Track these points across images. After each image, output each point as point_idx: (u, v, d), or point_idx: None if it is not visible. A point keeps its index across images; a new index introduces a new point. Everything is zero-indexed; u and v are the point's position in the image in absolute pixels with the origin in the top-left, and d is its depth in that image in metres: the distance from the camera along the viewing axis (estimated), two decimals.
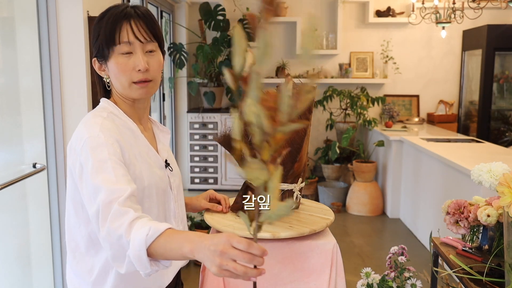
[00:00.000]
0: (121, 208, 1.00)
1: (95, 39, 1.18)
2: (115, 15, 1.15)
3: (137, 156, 1.18)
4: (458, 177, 3.36)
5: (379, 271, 2.02)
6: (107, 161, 1.07)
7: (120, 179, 1.06)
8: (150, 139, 1.28)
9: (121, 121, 1.20)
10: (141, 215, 1.01)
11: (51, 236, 2.44)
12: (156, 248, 0.94)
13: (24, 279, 2.41)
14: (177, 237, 0.94)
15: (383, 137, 4.94)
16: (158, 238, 0.95)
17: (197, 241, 0.90)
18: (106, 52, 1.17)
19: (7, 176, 2.09)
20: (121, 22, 1.15)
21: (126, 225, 0.98)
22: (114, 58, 1.16)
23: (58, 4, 2.30)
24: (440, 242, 1.72)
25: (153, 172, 1.20)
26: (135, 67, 1.16)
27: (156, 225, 0.96)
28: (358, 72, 5.73)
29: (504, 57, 5.32)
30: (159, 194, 1.21)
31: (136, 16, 1.16)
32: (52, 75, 2.33)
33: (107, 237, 1.00)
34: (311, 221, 1.42)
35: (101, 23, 1.17)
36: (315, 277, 1.34)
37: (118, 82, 1.18)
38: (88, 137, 1.11)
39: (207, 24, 5.19)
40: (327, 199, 5.10)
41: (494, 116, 5.38)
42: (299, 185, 1.50)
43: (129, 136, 1.19)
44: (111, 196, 1.02)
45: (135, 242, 0.95)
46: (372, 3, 5.51)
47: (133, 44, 1.16)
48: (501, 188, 1.22)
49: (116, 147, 1.11)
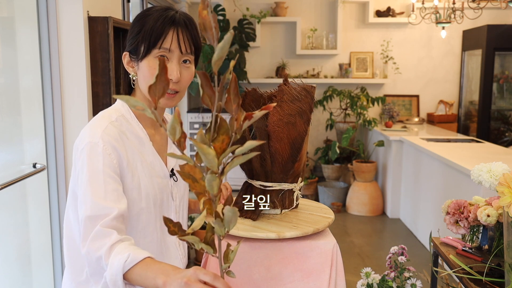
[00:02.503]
0: (104, 230, 1.02)
1: (134, 34, 1.17)
2: (164, 18, 1.14)
3: (139, 164, 1.17)
4: (458, 177, 3.36)
5: (379, 271, 2.02)
6: (100, 173, 1.08)
7: (108, 195, 1.06)
8: (160, 145, 1.26)
9: (129, 127, 1.19)
10: (124, 237, 1.03)
11: (51, 236, 2.44)
12: (132, 275, 0.97)
13: (24, 279, 2.41)
14: (153, 268, 0.96)
15: (383, 137, 4.94)
16: (135, 266, 0.97)
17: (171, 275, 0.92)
18: (143, 52, 1.15)
19: (7, 176, 2.09)
20: (168, 28, 1.14)
21: (107, 248, 1.00)
22: (149, 60, 1.15)
23: (58, 4, 2.30)
24: (440, 242, 1.72)
25: (153, 182, 1.19)
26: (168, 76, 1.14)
27: (135, 252, 0.98)
28: (358, 72, 5.73)
29: (504, 57, 5.32)
30: (156, 204, 1.20)
31: (184, 25, 1.16)
32: (52, 75, 2.33)
33: (86, 255, 1.03)
34: (314, 221, 1.42)
35: (146, 20, 1.15)
36: (315, 277, 1.34)
37: (146, 84, 1.15)
38: (88, 142, 1.11)
39: None
40: (327, 199, 5.10)
41: (494, 116, 5.38)
42: (299, 185, 1.50)
43: (134, 143, 1.18)
44: (95, 212, 1.04)
45: (113, 267, 0.97)
46: (372, 3, 5.51)
47: (172, 52, 1.15)
48: (501, 188, 1.22)
49: (113, 157, 1.11)
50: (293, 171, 1.46)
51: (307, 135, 1.46)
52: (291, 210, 1.50)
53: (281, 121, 1.38)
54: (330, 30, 5.71)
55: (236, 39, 5.26)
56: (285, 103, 1.39)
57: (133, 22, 1.20)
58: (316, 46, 5.69)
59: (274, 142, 1.40)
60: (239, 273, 1.34)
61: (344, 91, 5.32)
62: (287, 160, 1.42)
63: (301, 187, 1.52)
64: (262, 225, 1.37)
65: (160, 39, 1.14)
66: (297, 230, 1.33)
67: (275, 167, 1.43)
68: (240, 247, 1.34)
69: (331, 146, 5.03)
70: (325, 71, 5.79)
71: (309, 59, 5.77)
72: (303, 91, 1.40)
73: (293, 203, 1.49)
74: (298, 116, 1.39)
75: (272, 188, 1.45)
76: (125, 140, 1.16)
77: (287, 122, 1.38)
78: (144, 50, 1.15)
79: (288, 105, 1.38)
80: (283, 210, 1.48)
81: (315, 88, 1.46)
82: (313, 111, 1.50)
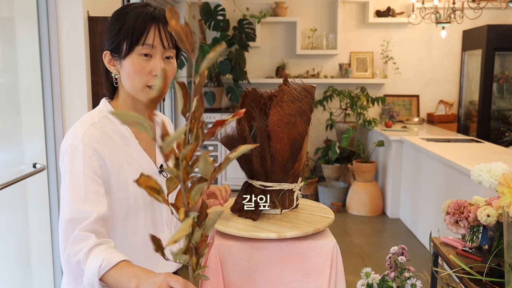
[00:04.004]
0: (82, 234, 1.04)
1: (114, 33, 1.16)
2: (144, 15, 1.14)
3: (125, 163, 1.17)
4: (458, 177, 3.36)
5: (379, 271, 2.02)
6: (80, 176, 1.09)
7: (89, 197, 1.08)
8: (147, 142, 1.26)
9: (113, 127, 1.19)
10: (102, 241, 1.05)
11: (51, 236, 2.44)
12: (108, 278, 1.00)
13: (24, 279, 2.41)
14: (127, 272, 0.99)
15: (383, 137, 4.94)
16: (110, 270, 0.99)
17: (143, 278, 0.96)
18: (125, 49, 1.14)
19: (7, 176, 2.09)
20: (150, 24, 1.13)
21: (84, 252, 1.03)
22: (132, 58, 1.15)
23: (58, 4, 2.30)
24: (440, 242, 1.72)
25: None
26: (152, 71, 1.15)
27: (110, 256, 1.01)
28: (358, 72, 5.73)
29: (504, 57, 5.32)
30: (146, 202, 1.20)
31: (164, 21, 1.14)
32: (52, 75, 2.33)
33: (67, 260, 1.06)
34: (314, 221, 1.42)
35: (125, 18, 1.14)
36: (315, 277, 1.34)
37: (131, 82, 1.16)
38: (69, 145, 1.13)
39: (207, 24, 5.19)
40: (327, 199, 5.10)
41: (494, 116, 5.38)
42: (299, 185, 1.50)
43: (119, 142, 1.19)
44: (74, 214, 1.06)
45: (89, 271, 1.00)
46: (372, 3, 5.51)
47: (155, 48, 1.15)
48: (501, 188, 1.22)
49: (93, 159, 1.12)
50: (293, 171, 1.46)
51: (307, 135, 1.46)
52: (291, 210, 1.50)
53: (281, 121, 1.38)
54: (330, 30, 5.71)
55: (236, 39, 5.26)
56: (286, 103, 1.39)
57: (111, 19, 1.18)
58: (316, 46, 5.69)
59: (274, 142, 1.40)
60: (239, 273, 1.34)
61: (344, 91, 5.32)
62: (287, 160, 1.42)
63: (301, 187, 1.52)
64: (263, 225, 1.37)
65: (142, 36, 1.13)
66: (297, 230, 1.33)
67: (275, 167, 1.43)
68: (240, 247, 1.34)
69: (331, 146, 5.03)
70: (325, 71, 5.79)
71: (309, 59, 5.77)
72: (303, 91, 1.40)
73: (293, 203, 1.49)
74: (298, 116, 1.39)
75: (272, 188, 1.45)
76: (108, 141, 1.16)
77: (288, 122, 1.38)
78: (126, 48, 1.14)
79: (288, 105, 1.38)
80: (283, 210, 1.48)
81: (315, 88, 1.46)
82: (313, 111, 1.50)
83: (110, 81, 1.24)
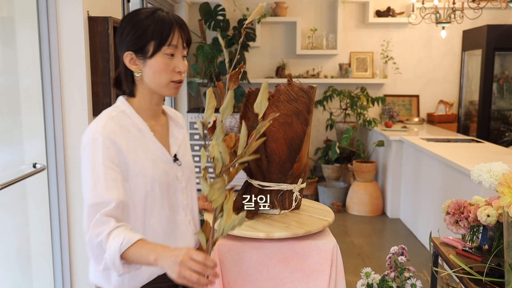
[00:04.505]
0: (103, 218, 1.18)
1: (136, 36, 1.27)
2: (168, 20, 1.27)
3: (141, 153, 1.29)
4: (458, 177, 3.36)
5: (379, 271, 2.02)
6: (100, 165, 1.22)
7: (108, 184, 1.21)
8: (162, 134, 1.38)
9: (129, 121, 1.31)
10: (121, 224, 1.19)
11: (51, 236, 2.44)
12: (128, 255, 1.13)
13: (24, 279, 2.41)
14: (146, 247, 1.13)
15: (383, 137, 4.94)
16: (130, 247, 1.13)
17: (161, 252, 1.10)
18: (151, 50, 1.26)
19: (7, 176, 2.09)
20: (174, 27, 1.27)
21: (106, 234, 1.16)
22: (159, 57, 1.27)
23: (58, 4, 2.30)
24: (440, 242, 1.72)
25: (157, 167, 1.30)
26: (175, 68, 1.29)
27: (130, 236, 1.15)
28: (358, 72, 5.73)
29: (504, 57, 5.32)
30: (162, 187, 1.31)
31: (182, 24, 1.30)
32: (52, 75, 2.33)
33: (89, 241, 1.18)
34: (309, 222, 1.42)
35: (147, 22, 1.26)
36: (315, 277, 1.34)
37: (157, 79, 1.29)
38: (90, 138, 1.25)
39: (207, 24, 5.19)
40: (327, 199, 5.10)
41: (494, 116, 5.38)
42: (299, 186, 1.50)
43: (135, 135, 1.30)
44: (96, 200, 1.20)
45: (111, 249, 1.13)
46: (372, 3, 5.51)
47: (178, 48, 1.29)
48: (501, 188, 1.22)
49: (112, 150, 1.24)
50: (292, 171, 1.45)
51: (307, 136, 1.45)
52: (292, 211, 1.50)
53: (277, 121, 1.38)
54: (330, 30, 5.71)
55: (236, 39, 5.26)
56: (282, 103, 1.39)
57: (126, 24, 1.29)
58: (316, 46, 5.68)
59: (270, 142, 1.40)
60: (239, 273, 1.34)
61: (344, 91, 5.31)
62: (284, 161, 1.42)
63: (301, 188, 1.51)
64: (255, 225, 1.37)
65: (170, 36, 1.26)
66: (287, 231, 1.33)
67: (272, 167, 1.43)
68: (240, 247, 1.34)
69: (331, 146, 5.03)
70: (325, 71, 5.79)
71: (309, 59, 5.77)
72: (300, 91, 1.40)
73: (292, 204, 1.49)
74: (294, 116, 1.39)
75: (271, 188, 1.45)
76: (125, 133, 1.28)
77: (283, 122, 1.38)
78: (154, 48, 1.26)
79: (284, 105, 1.38)
80: (282, 211, 1.48)
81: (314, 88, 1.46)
82: (312, 111, 1.50)
83: (130, 79, 1.34)
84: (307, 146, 1.49)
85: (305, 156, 1.49)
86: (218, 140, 1.04)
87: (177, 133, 1.42)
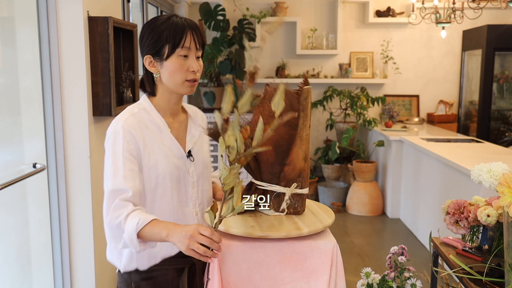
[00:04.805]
0: (122, 202, 1.32)
1: (153, 41, 1.41)
2: (181, 24, 1.40)
3: (156, 147, 1.42)
4: (458, 177, 3.36)
5: (379, 271, 2.02)
6: (120, 156, 1.36)
7: (126, 173, 1.35)
8: (179, 131, 1.50)
9: (149, 117, 1.45)
10: (137, 208, 1.34)
11: (51, 236, 2.44)
12: (143, 233, 1.28)
13: (24, 279, 2.41)
14: (159, 226, 1.28)
15: (383, 137, 4.94)
16: (145, 226, 1.28)
17: (172, 229, 1.25)
18: (167, 52, 1.40)
19: (7, 176, 2.09)
20: (186, 31, 1.40)
21: (124, 216, 1.30)
22: (174, 59, 1.40)
23: (58, 4, 2.30)
24: (440, 242, 1.72)
25: (170, 162, 1.43)
26: (189, 68, 1.41)
27: (145, 217, 1.29)
28: (358, 72, 5.73)
29: (504, 57, 5.33)
30: (173, 180, 1.44)
31: (194, 27, 1.42)
32: (52, 75, 2.33)
33: (109, 223, 1.33)
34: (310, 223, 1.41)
35: (162, 28, 1.40)
36: (315, 277, 1.34)
37: (172, 78, 1.42)
38: (112, 132, 1.40)
39: (207, 24, 5.19)
40: (327, 199, 5.10)
41: (494, 116, 5.38)
42: (291, 190, 1.46)
43: (153, 130, 1.44)
44: (115, 186, 1.34)
45: (128, 229, 1.28)
46: (372, 3, 5.51)
47: (190, 50, 1.41)
48: (501, 188, 1.22)
49: (131, 143, 1.38)
50: (284, 174, 1.44)
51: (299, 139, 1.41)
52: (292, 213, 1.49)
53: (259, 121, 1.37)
54: (330, 30, 5.71)
55: (236, 39, 5.26)
56: (267, 104, 1.40)
57: (146, 30, 1.44)
58: (316, 46, 5.69)
59: None
60: (239, 273, 1.34)
61: (344, 91, 5.31)
62: (273, 162, 1.42)
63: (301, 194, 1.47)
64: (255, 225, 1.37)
65: (182, 39, 1.39)
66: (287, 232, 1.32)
67: (262, 167, 1.44)
68: (240, 247, 1.34)
69: (331, 146, 5.03)
70: (325, 71, 5.79)
71: (309, 59, 5.77)
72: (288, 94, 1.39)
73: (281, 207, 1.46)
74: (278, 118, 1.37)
75: (266, 188, 1.45)
76: (143, 128, 1.42)
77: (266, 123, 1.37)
78: (169, 51, 1.40)
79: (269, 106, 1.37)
80: (276, 213, 1.47)
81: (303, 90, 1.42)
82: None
83: (151, 80, 1.48)
84: (303, 151, 1.44)
85: (299, 160, 1.44)
86: (235, 131, 1.17)
87: (194, 131, 1.53)
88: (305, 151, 1.46)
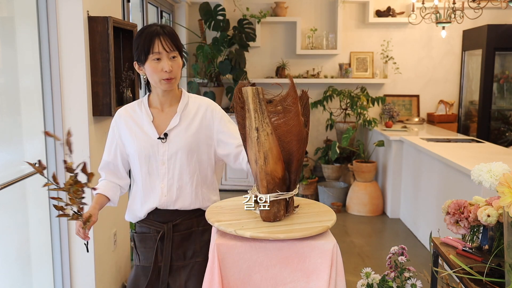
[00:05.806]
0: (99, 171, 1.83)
1: (135, 48, 1.69)
2: (150, 33, 1.66)
3: (133, 131, 1.76)
4: (458, 177, 3.36)
5: (379, 271, 2.02)
6: (108, 139, 1.81)
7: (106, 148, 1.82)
8: (163, 119, 1.76)
9: (139, 109, 1.78)
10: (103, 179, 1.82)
11: (51, 236, 2.44)
12: None
13: (24, 279, 2.41)
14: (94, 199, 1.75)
15: (383, 137, 4.94)
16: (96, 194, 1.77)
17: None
18: (143, 58, 1.67)
19: (7, 176, 2.09)
20: (153, 39, 1.65)
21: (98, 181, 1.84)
22: (148, 63, 1.67)
23: (58, 4, 2.30)
24: (440, 242, 1.72)
25: (140, 143, 1.73)
26: (163, 69, 1.66)
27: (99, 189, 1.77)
28: (358, 72, 5.73)
29: (504, 57, 5.32)
30: (141, 158, 1.74)
31: (163, 33, 1.66)
32: (52, 75, 2.33)
33: None
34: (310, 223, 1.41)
35: (140, 38, 1.67)
36: (315, 277, 1.34)
37: (152, 78, 1.70)
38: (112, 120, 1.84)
39: (207, 24, 5.19)
40: (327, 199, 5.10)
41: (494, 116, 5.38)
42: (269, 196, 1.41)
43: (138, 118, 1.76)
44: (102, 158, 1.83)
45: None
46: (372, 3, 5.51)
47: (161, 53, 1.65)
48: (501, 188, 1.22)
49: (115, 130, 1.79)
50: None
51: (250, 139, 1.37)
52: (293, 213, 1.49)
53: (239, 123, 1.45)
54: (330, 30, 5.71)
55: (236, 39, 5.26)
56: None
57: (135, 38, 1.71)
58: (316, 46, 5.69)
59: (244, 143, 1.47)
60: (239, 273, 1.34)
61: (344, 91, 5.31)
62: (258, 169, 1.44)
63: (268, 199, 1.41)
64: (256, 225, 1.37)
65: (151, 47, 1.65)
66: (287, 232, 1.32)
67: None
68: (240, 247, 1.34)
69: (331, 146, 5.03)
70: (325, 71, 5.79)
71: (309, 59, 5.77)
72: None
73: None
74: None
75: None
76: (127, 116, 1.78)
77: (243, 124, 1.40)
78: (143, 57, 1.67)
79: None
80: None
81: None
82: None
83: (147, 80, 1.77)
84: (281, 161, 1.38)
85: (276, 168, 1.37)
86: None
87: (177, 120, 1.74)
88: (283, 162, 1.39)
